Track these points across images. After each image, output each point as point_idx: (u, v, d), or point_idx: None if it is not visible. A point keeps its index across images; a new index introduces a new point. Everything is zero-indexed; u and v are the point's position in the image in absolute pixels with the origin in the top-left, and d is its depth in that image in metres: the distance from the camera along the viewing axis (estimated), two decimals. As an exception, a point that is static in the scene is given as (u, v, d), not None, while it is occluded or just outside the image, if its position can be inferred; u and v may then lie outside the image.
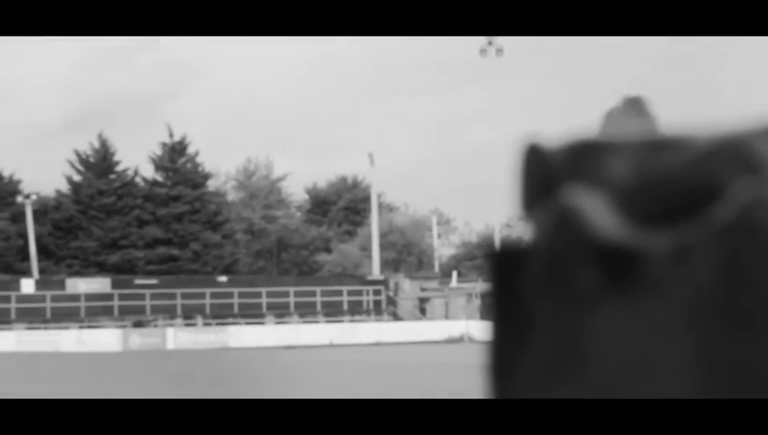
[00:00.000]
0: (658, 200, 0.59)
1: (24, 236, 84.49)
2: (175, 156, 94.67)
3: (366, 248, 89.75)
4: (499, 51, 73.57)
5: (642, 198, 0.59)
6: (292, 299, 77.76)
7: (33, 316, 71.75)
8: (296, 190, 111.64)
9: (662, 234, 0.59)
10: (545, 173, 0.62)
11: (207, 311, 72.26)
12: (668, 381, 0.50)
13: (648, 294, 0.58)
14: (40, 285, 75.74)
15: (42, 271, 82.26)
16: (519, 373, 0.55)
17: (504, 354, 0.57)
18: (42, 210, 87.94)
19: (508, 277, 0.57)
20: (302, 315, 76.34)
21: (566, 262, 0.58)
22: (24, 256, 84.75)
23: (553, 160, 0.62)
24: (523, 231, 0.53)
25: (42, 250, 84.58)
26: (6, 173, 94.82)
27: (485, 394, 0.58)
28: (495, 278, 0.59)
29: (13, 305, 72.18)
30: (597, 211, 0.58)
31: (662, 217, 0.59)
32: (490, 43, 72.44)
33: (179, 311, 73.28)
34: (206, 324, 70.46)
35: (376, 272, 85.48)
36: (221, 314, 72.99)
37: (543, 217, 0.61)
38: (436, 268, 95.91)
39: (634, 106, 4.58)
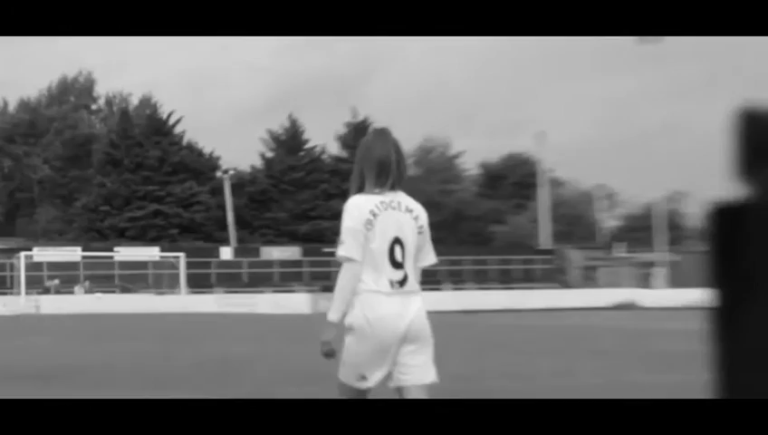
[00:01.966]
0: None
1: (222, 207, 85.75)
2: (358, 135, 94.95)
3: (536, 220, 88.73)
4: (657, 39, 71.67)
5: None
6: (468, 267, 77.33)
7: (231, 281, 72.85)
8: (472, 166, 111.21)
9: None
10: (763, 136, 0.57)
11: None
12: None
13: None
14: (237, 252, 76.90)
15: (239, 240, 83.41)
16: (742, 323, 0.55)
17: (727, 306, 0.56)
18: (238, 184, 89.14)
19: (729, 234, 0.56)
20: (477, 282, 75.80)
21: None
22: (222, 225, 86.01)
23: (770, 125, 0.48)
24: (739, 191, 0.54)
25: (238, 220, 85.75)
26: (207, 150, 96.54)
27: (708, 346, 0.56)
28: (717, 235, 0.57)
29: (213, 271, 73.41)
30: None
31: None
32: (650, 31, 70.65)
33: (364, 277, 73.47)
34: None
35: (546, 242, 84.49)
36: (402, 280, 72.82)
37: (765, 178, 0.55)
38: (603, 239, 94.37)
39: (381, 134, 5.97)
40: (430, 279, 74.63)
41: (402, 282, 5.77)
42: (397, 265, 5.76)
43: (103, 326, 37.80)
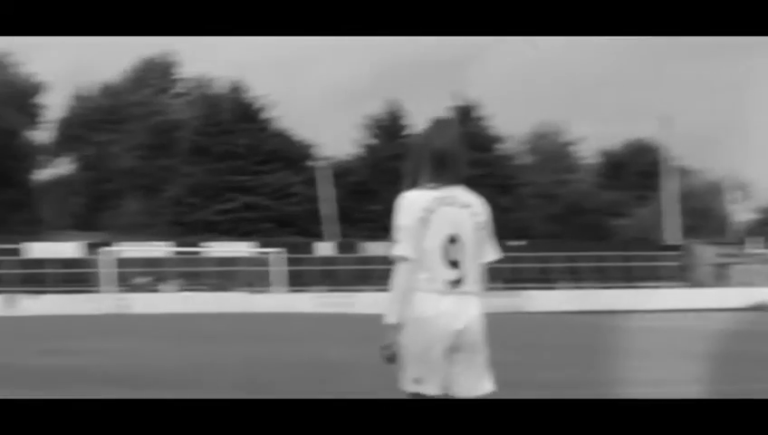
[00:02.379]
0: None
1: (315, 199, 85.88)
2: (464, 120, 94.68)
3: (662, 213, 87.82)
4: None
5: None
6: (586, 264, 76.87)
7: (328, 278, 73.13)
8: (589, 154, 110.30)
9: None
10: None
11: (502, 275, 72.15)
12: None
13: None
14: (335, 247, 77.17)
15: (339, 234, 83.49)
16: None
17: None
18: (336, 174, 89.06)
19: None
20: (597, 280, 75.32)
21: None
22: (318, 218, 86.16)
23: None
24: None
25: (337, 213, 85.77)
26: (302, 138, 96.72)
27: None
28: None
29: (310, 268, 73.77)
30: None
31: None
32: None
33: (476, 274, 73.35)
34: (500, 289, 70.37)
35: (672, 237, 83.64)
36: (515, 279, 72.60)
37: None
38: (735, 234, 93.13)
39: (441, 124, 6.03)
40: (544, 277, 74.58)
41: (457, 282, 5.87)
42: (452, 263, 5.88)
43: (195, 327, 38.34)
